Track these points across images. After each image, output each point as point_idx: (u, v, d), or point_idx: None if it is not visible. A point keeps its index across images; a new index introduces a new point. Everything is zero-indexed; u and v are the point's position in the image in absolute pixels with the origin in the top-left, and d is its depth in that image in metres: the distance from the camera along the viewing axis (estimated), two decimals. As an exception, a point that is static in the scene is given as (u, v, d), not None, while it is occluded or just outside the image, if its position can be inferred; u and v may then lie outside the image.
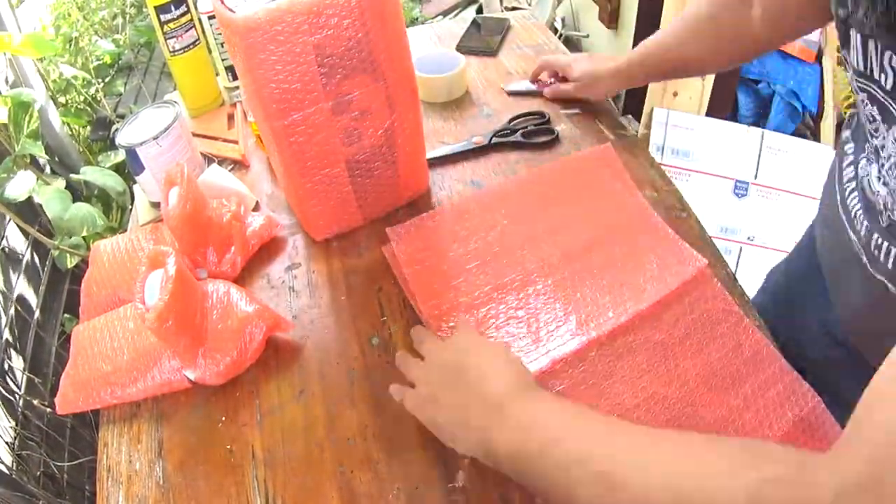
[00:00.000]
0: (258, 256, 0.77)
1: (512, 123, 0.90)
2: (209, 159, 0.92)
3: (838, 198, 0.61)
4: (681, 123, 1.74)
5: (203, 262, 0.73)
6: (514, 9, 2.45)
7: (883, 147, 0.48)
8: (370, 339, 0.66)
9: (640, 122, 1.82)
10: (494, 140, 0.88)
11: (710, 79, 1.74)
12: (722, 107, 1.81)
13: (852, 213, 0.57)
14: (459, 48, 1.08)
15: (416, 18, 2.41)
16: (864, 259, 0.56)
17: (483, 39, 1.09)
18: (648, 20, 1.78)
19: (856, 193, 0.57)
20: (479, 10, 2.51)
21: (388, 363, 0.64)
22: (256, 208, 0.84)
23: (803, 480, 0.35)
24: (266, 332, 0.64)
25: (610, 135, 0.87)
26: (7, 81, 1.28)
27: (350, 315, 0.69)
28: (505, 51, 1.08)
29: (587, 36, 2.32)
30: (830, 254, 0.65)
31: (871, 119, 0.49)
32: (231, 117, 1.01)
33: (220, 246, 0.74)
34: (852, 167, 0.58)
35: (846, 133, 0.62)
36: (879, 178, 0.51)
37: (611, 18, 2.06)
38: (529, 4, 2.49)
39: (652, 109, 1.76)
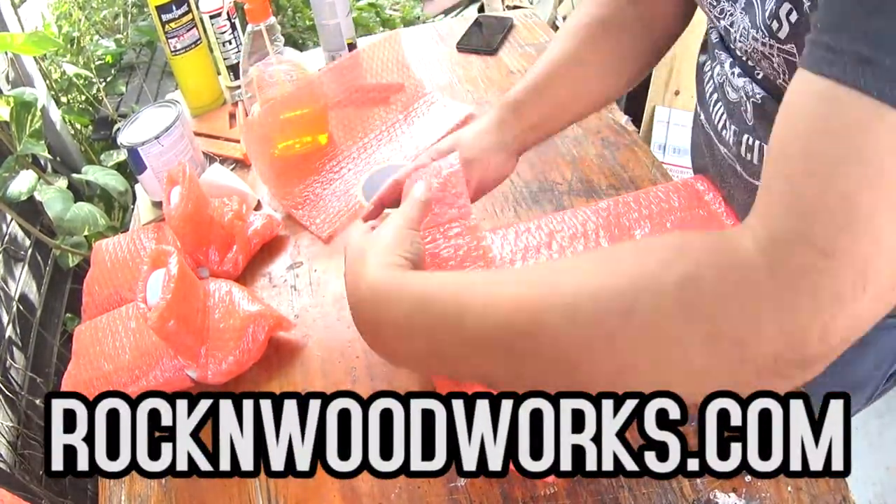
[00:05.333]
0: (260, 255, 0.77)
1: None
2: (211, 158, 0.92)
3: (703, 117, 0.59)
4: (683, 122, 1.74)
5: (205, 261, 0.73)
6: (515, 7, 2.45)
7: (732, 24, 0.45)
8: (372, 339, 0.66)
9: (641, 120, 1.81)
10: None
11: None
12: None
13: (718, 125, 0.55)
14: (460, 47, 1.08)
15: (418, 17, 2.40)
16: (738, 167, 0.53)
17: (484, 38, 1.09)
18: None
19: (720, 104, 0.54)
20: (481, 9, 2.50)
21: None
22: (258, 207, 0.84)
23: (728, 247, 0.31)
24: (268, 331, 0.64)
25: (611, 134, 0.87)
26: (8, 80, 1.28)
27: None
28: (506, 50, 1.07)
29: (589, 34, 2.31)
30: (714, 181, 0.63)
31: (714, 4, 0.47)
32: (233, 116, 1.01)
33: (222, 245, 0.74)
34: (711, 81, 0.56)
35: (702, 57, 0.59)
36: (734, 72, 0.49)
37: (612, 17, 2.05)
38: (531, 3, 2.49)
39: (654, 108, 1.75)
